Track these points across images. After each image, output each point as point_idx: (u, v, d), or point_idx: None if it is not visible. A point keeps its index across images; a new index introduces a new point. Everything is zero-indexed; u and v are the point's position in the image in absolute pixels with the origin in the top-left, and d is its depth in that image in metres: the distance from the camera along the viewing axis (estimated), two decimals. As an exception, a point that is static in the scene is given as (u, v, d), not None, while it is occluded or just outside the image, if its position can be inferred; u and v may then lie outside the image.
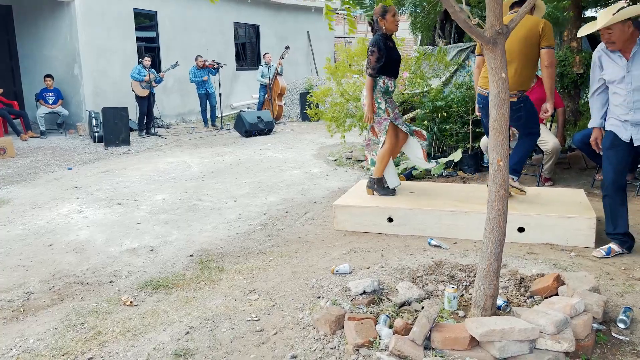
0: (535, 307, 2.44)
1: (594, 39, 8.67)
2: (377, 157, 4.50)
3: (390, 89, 4.39)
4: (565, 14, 6.63)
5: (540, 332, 2.19)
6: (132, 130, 10.41)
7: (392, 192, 4.54)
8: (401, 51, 5.44)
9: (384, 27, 4.27)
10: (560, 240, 3.77)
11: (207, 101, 11.74)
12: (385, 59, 4.26)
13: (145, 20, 12.51)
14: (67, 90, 10.90)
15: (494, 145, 2.41)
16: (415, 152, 4.56)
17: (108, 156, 8.46)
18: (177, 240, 4.26)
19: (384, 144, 4.43)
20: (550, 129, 5.75)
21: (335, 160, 7.46)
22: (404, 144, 4.58)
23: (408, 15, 9.08)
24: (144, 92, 10.51)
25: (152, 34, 12.59)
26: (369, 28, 4.43)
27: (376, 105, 4.37)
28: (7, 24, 11.24)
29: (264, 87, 12.52)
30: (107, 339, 2.65)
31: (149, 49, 12.42)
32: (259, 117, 10.59)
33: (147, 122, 10.81)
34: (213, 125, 11.81)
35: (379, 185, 4.54)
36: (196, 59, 11.53)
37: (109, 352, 2.52)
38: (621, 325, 2.50)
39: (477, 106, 4.36)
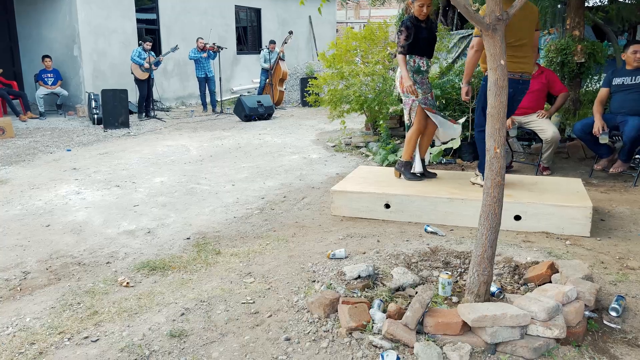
0: (527, 294, 2.46)
1: (599, 29, 8.58)
2: (405, 139, 4.51)
3: (422, 68, 4.42)
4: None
5: (532, 318, 2.21)
6: (131, 112, 10.38)
7: (419, 177, 4.54)
8: None
9: (412, 11, 4.38)
10: (556, 228, 3.78)
11: (206, 85, 11.69)
12: (414, 38, 4.31)
13: (146, 1, 12.39)
14: (67, 71, 10.84)
15: (491, 132, 2.41)
16: (448, 132, 4.57)
17: (107, 138, 8.44)
18: (175, 222, 4.27)
19: (412, 125, 4.45)
20: (550, 119, 5.72)
21: (334, 146, 7.46)
22: (435, 131, 4.57)
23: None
24: (144, 75, 10.45)
25: (152, 16, 12.48)
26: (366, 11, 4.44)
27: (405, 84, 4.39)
28: (6, 4, 11.14)
29: (266, 72, 12.44)
30: (103, 319, 2.67)
31: (149, 31, 12.33)
32: (259, 102, 10.55)
33: (147, 105, 10.77)
34: (213, 110, 11.77)
35: (407, 169, 4.54)
36: (197, 40, 11.48)
37: (105, 331, 2.54)
38: (613, 314, 2.52)
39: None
